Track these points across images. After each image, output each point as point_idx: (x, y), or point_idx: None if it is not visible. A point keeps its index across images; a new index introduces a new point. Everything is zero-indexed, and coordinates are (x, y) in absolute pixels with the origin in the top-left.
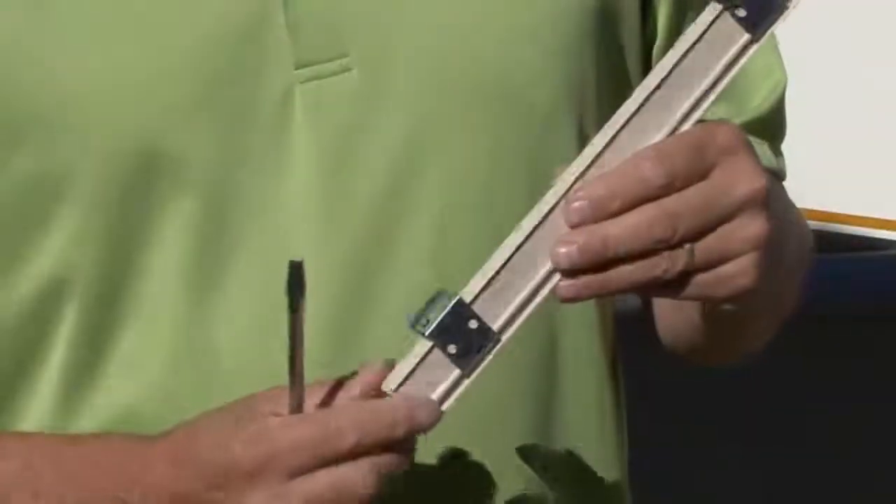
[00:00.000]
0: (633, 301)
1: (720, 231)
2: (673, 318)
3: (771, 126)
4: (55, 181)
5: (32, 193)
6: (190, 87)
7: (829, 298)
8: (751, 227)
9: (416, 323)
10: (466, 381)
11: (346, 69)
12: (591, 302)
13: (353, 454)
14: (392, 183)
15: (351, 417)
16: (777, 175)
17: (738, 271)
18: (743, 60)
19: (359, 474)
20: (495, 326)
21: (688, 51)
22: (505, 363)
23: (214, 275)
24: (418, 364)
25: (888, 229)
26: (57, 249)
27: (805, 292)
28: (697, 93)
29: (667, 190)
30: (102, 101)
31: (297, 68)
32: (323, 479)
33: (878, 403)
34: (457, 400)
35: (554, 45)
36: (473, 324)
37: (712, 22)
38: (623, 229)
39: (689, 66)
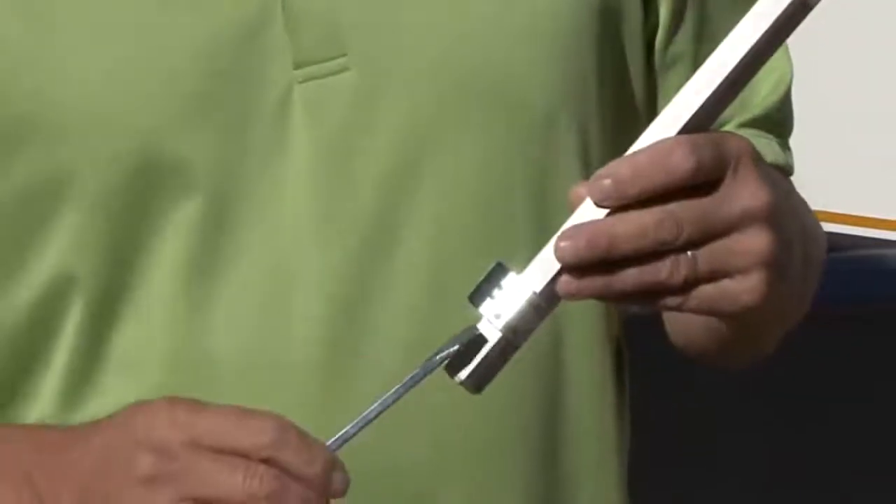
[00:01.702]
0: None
1: (724, 241)
2: (686, 322)
3: (778, 120)
4: (57, 184)
5: (34, 197)
6: (190, 88)
7: (828, 298)
8: (755, 240)
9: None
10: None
11: (345, 69)
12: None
13: None
14: (390, 182)
15: None
16: (785, 170)
17: (745, 289)
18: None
19: None
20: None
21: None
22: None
23: (214, 275)
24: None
25: (888, 229)
26: (59, 252)
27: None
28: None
29: (692, 179)
30: (102, 103)
31: (295, 68)
32: None
33: (879, 403)
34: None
35: (553, 46)
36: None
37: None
38: (629, 226)
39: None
